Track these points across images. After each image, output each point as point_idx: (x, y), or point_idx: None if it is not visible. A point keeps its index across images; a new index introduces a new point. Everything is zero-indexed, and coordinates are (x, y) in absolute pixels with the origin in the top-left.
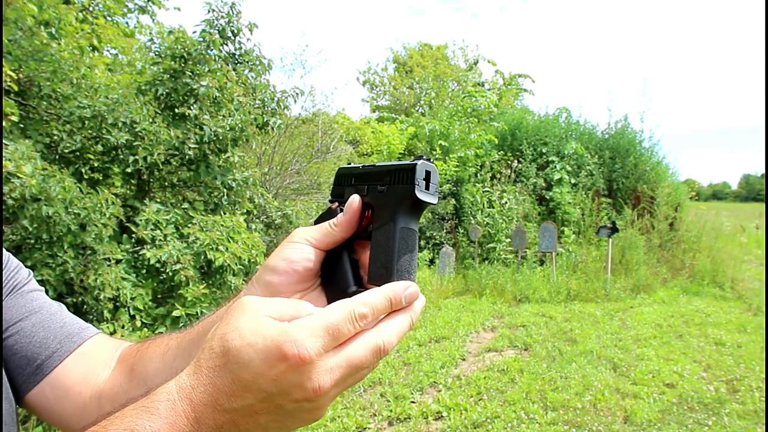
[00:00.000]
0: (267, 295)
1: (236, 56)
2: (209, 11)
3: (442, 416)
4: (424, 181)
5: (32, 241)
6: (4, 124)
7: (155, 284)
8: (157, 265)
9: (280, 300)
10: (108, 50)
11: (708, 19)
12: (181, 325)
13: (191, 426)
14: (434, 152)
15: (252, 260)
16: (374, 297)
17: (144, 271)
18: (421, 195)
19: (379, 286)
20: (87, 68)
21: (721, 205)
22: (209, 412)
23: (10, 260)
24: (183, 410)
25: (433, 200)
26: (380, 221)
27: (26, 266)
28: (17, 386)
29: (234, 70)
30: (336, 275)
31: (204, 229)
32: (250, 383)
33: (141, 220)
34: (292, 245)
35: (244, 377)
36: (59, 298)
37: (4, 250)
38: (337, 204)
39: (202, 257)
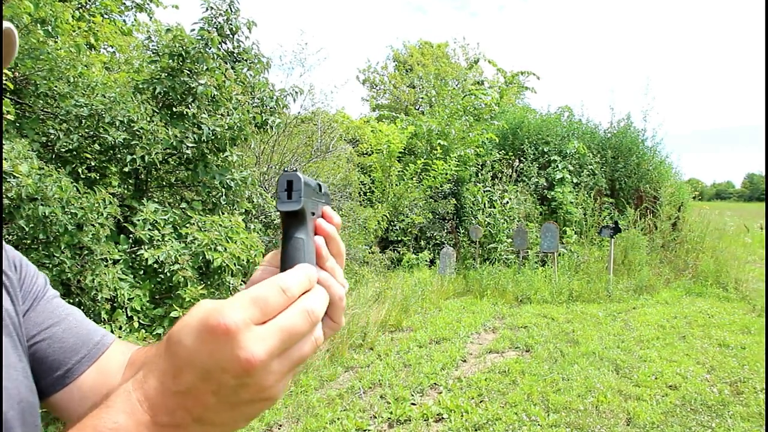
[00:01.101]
0: None
1: (235, 54)
2: (207, 9)
3: (442, 418)
4: (285, 192)
5: (29, 241)
6: None
7: (153, 285)
8: (155, 265)
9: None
10: (105, 48)
11: (709, 19)
12: None
13: (148, 413)
14: (435, 151)
15: (250, 261)
16: (295, 273)
17: (142, 272)
18: (283, 206)
19: None
20: (84, 66)
21: (724, 205)
22: (160, 397)
23: (28, 267)
24: (137, 399)
25: (295, 207)
26: None
27: None
28: (42, 388)
29: (232, 68)
30: None
31: (202, 229)
32: (188, 361)
33: (138, 220)
34: (257, 268)
35: (181, 355)
36: None
37: (20, 255)
38: None
39: (201, 257)
